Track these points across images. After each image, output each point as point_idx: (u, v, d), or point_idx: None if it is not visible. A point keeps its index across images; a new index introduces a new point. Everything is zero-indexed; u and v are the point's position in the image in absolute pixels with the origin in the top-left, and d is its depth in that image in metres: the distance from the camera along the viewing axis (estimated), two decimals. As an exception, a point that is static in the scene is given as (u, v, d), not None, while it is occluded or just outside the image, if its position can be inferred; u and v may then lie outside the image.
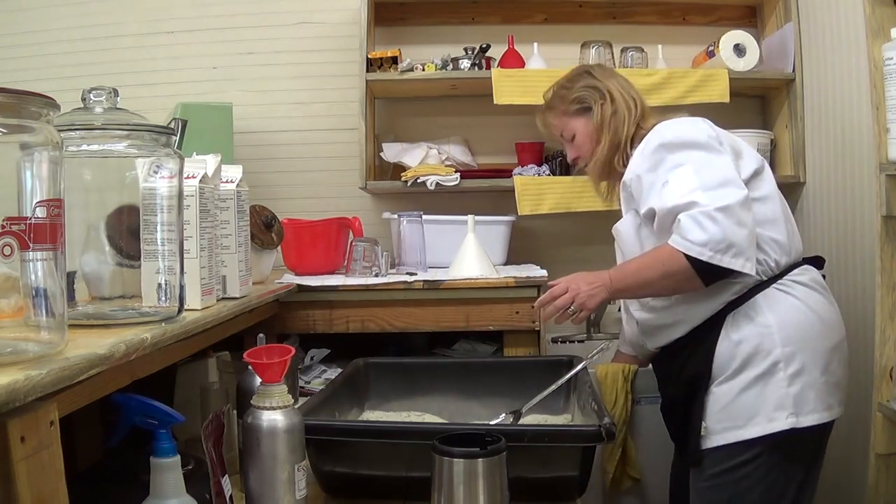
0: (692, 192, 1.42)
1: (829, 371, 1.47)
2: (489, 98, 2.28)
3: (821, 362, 1.46)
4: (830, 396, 1.46)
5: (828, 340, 1.48)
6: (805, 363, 1.44)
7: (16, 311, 0.78)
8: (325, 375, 1.96)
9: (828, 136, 2.20)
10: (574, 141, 1.73)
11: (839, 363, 1.50)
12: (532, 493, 1.18)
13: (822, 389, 1.45)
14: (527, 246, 2.53)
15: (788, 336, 1.45)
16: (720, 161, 1.47)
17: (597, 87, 1.68)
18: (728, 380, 1.47)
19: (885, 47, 1.50)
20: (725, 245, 1.38)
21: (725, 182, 1.43)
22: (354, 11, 2.43)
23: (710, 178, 1.43)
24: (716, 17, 2.60)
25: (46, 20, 2.61)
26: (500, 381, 1.61)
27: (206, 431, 1.08)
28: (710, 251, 1.38)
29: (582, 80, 1.71)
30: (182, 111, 2.12)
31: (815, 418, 1.43)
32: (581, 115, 1.70)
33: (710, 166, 1.45)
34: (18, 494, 0.69)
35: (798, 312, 1.47)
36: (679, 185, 1.44)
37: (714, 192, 1.41)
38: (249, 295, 1.52)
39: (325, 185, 2.61)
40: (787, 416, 1.42)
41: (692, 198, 1.41)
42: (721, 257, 1.38)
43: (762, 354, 1.45)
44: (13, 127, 0.76)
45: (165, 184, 1.10)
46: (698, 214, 1.39)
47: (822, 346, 1.47)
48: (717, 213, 1.38)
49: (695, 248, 1.38)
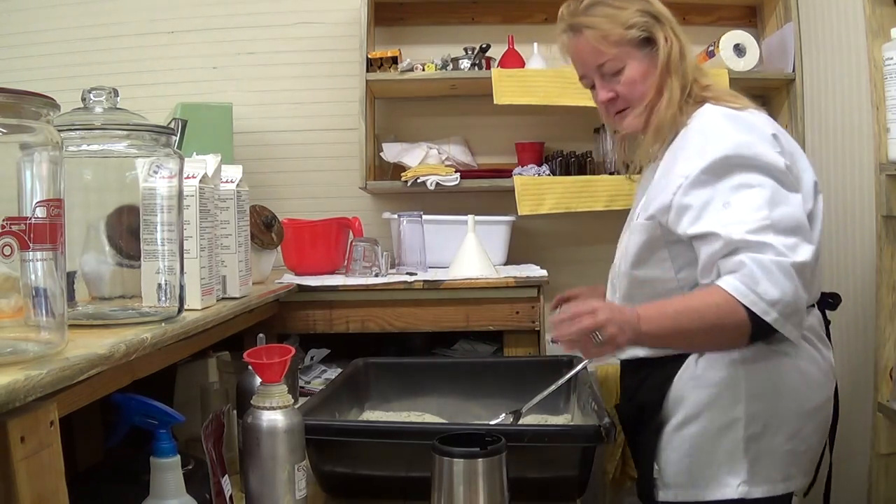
0: (764, 231, 1.14)
1: (797, 437, 1.25)
2: (489, 98, 2.27)
3: (789, 427, 1.24)
4: (792, 466, 1.25)
5: (805, 402, 1.26)
6: (769, 425, 1.23)
7: (16, 311, 0.78)
8: (325, 375, 1.96)
9: (828, 136, 2.20)
10: (621, 77, 1.35)
11: (815, 429, 1.28)
12: (532, 493, 1.18)
13: (783, 458, 1.24)
14: (527, 246, 2.52)
15: (757, 392, 1.23)
16: (794, 199, 1.20)
17: (656, 15, 1.34)
18: (683, 425, 1.27)
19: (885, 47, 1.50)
20: (793, 310, 1.14)
21: (798, 229, 1.17)
22: (354, 11, 2.43)
23: (783, 219, 1.16)
24: (716, 17, 2.59)
25: (46, 20, 2.61)
26: (500, 381, 1.61)
27: (206, 431, 1.08)
28: (777, 313, 1.12)
29: (635, 2, 1.34)
30: (182, 111, 2.12)
31: (769, 490, 1.24)
32: (640, 46, 1.34)
33: (784, 202, 1.18)
34: (18, 494, 0.69)
35: (775, 364, 1.24)
36: (747, 212, 1.16)
37: (788, 240, 1.15)
38: (249, 295, 1.52)
39: (325, 185, 2.60)
40: (739, 485, 1.23)
41: (765, 238, 1.14)
42: (784, 323, 1.14)
43: (721, 407, 1.24)
44: (13, 127, 0.76)
45: (165, 184, 1.10)
46: (772, 264, 1.12)
47: (795, 408, 1.25)
48: (794, 270, 1.12)
49: (762, 305, 1.12)
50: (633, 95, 1.35)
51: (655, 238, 1.29)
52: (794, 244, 1.14)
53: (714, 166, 1.20)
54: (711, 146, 1.22)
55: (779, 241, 1.14)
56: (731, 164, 1.20)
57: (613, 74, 1.35)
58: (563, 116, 2.34)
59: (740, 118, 1.27)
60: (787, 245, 1.14)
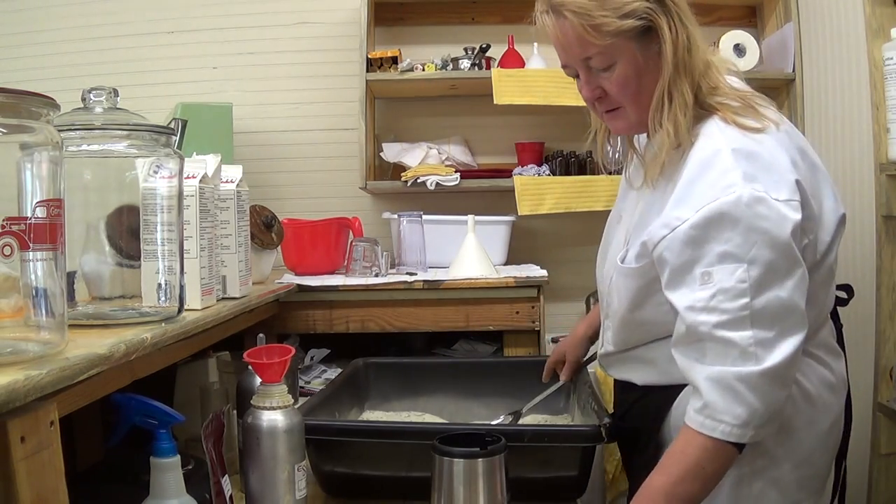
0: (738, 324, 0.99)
1: (807, 463, 1.14)
2: (489, 98, 2.27)
3: (798, 455, 1.12)
4: (801, 491, 1.14)
5: (816, 427, 1.14)
6: (775, 457, 1.11)
7: (16, 311, 0.78)
8: (325, 375, 1.96)
9: (828, 136, 2.20)
10: (611, 73, 1.11)
11: (826, 449, 1.17)
12: (532, 493, 1.18)
13: (789, 486, 1.12)
14: (527, 246, 2.52)
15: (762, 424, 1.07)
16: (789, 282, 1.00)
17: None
18: None
19: (885, 47, 1.50)
20: (770, 416, 1.01)
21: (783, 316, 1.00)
22: (354, 11, 2.43)
23: (768, 306, 0.99)
24: (716, 17, 2.59)
25: (46, 20, 2.61)
26: (500, 381, 1.61)
27: (206, 431, 1.08)
28: (752, 430, 1.00)
29: None
30: (182, 111, 2.12)
31: None
32: (636, 38, 1.09)
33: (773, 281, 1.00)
34: (18, 494, 0.69)
35: None
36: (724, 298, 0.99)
37: (765, 335, 0.99)
38: (249, 295, 1.52)
39: (325, 185, 2.60)
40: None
41: (732, 335, 0.99)
42: (765, 431, 1.02)
43: None
44: (13, 127, 0.76)
45: (165, 184, 1.10)
46: (733, 380, 0.98)
47: (806, 434, 1.13)
48: (761, 380, 0.98)
49: (736, 432, 0.99)
50: (626, 95, 1.12)
51: (651, 281, 1.11)
52: (771, 340, 0.98)
53: (706, 223, 1.01)
54: (710, 193, 1.02)
55: (747, 340, 0.98)
56: (726, 223, 1.00)
57: (602, 70, 1.11)
58: (563, 116, 2.34)
59: (754, 155, 1.04)
60: (761, 342, 0.98)
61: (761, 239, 0.99)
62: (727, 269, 1.00)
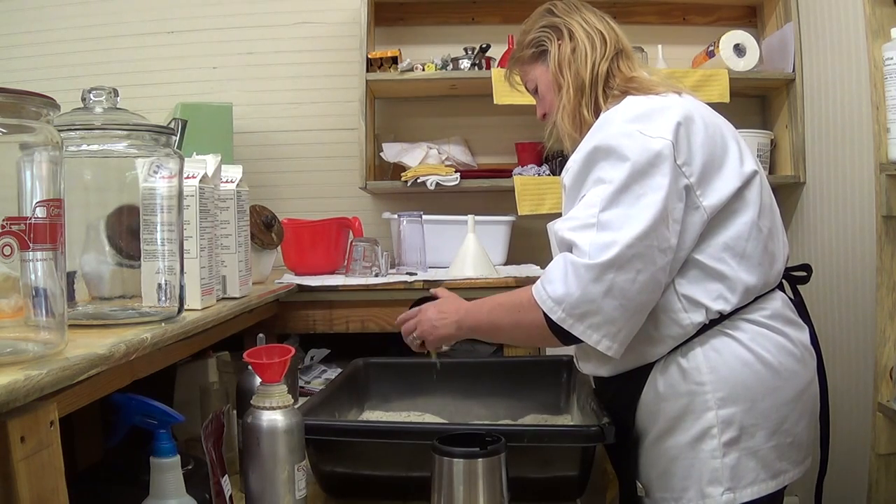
0: (584, 229, 1.15)
1: (781, 431, 1.20)
2: (489, 98, 2.27)
3: (770, 423, 1.20)
4: (782, 460, 1.21)
5: (782, 393, 1.21)
6: (746, 426, 1.19)
7: (16, 311, 0.78)
8: (325, 375, 1.96)
9: (828, 136, 2.20)
10: (538, 93, 1.42)
11: (801, 416, 1.23)
12: (532, 493, 1.18)
13: (768, 455, 1.20)
14: (527, 246, 2.52)
15: (726, 396, 1.19)
16: (650, 199, 1.13)
17: (555, 26, 1.36)
18: (658, 440, 1.24)
19: (885, 47, 1.50)
20: (583, 311, 1.13)
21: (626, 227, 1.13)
22: (354, 11, 2.43)
23: (613, 219, 1.14)
24: (716, 17, 2.60)
25: (46, 20, 2.61)
26: (500, 381, 1.61)
27: (206, 431, 1.08)
28: (563, 312, 1.14)
29: (542, 19, 1.39)
30: (182, 111, 2.12)
31: (758, 490, 1.19)
32: (539, 60, 1.39)
33: (629, 198, 1.14)
34: (18, 494, 0.69)
35: (742, 364, 1.19)
36: (583, 209, 1.17)
37: (604, 236, 1.13)
38: (249, 295, 1.52)
39: (325, 185, 2.61)
40: (723, 493, 1.18)
41: (577, 238, 1.15)
42: (575, 323, 1.14)
43: (692, 417, 1.20)
44: (13, 127, 0.76)
45: (165, 184, 1.10)
46: (568, 264, 1.14)
47: (772, 402, 1.20)
48: (589, 270, 1.12)
49: (549, 303, 1.15)
50: (548, 105, 1.40)
51: None
52: (607, 243, 1.12)
53: (589, 157, 1.20)
54: (596, 136, 1.21)
55: (588, 241, 1.13)
56: (597, 155, 1.19)
57: (535, 92, 1.43)
58: (563, 116, 2.34)
59: (643, 104, 1.23)
60: (597, 244, 1.12)
61: (622, 159, 1.16)
62: (594, 191, 1.17)
